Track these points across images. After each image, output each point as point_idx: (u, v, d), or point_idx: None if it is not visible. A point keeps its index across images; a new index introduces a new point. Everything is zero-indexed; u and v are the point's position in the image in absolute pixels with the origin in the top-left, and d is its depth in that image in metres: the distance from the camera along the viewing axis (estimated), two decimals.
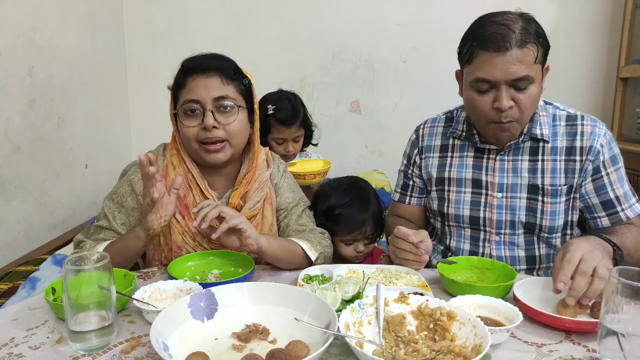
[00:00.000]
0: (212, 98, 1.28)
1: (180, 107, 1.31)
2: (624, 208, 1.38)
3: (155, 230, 1.22)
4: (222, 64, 1.33)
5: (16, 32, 1.81)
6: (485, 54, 1.25)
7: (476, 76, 1.28)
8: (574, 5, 2.65)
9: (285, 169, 1.54)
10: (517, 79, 1.24)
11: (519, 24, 1.23)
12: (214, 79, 1.29)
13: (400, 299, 0.98)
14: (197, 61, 1.32)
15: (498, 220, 1.43)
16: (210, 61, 1.32)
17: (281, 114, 1.95)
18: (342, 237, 1.60)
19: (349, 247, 1.62)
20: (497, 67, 1.23)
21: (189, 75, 1.30)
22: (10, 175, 1.79)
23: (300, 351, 0.83)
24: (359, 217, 1.60)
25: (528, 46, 1.22)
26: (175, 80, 1.34)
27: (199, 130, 1.29)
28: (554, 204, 1.38)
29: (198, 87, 1.28)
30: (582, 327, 0.96)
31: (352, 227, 1.59)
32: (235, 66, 1.36)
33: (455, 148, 1.50)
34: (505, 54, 1.22)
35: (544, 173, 1.39)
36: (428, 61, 2.75)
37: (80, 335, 0.90)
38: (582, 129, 1.38)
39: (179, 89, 1.32)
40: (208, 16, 2.74)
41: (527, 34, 1.22)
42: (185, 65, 1.33)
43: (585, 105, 2.70)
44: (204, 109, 1.28)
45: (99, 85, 2.45)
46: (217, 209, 1.18)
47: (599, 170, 1.37)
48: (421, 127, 1.59)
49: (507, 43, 1.21)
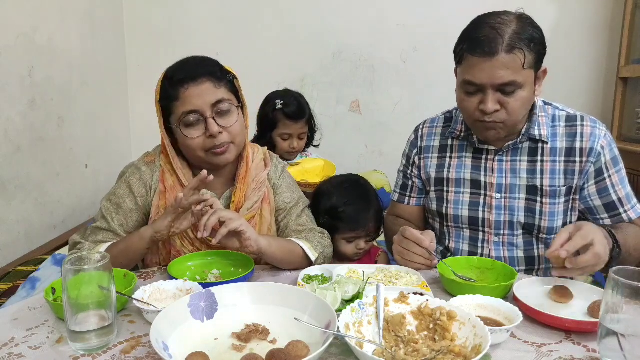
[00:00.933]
0: (210, 104, 1.27)
1: (178, 120, 1.28)
2: (627, 209, 1.38)
3: (163, 235, 1.23)
4: (210, 67, 1.31)
5: (16, 32, 1.81)
6: (472, 58, 1.25)
7: (464, 78, 1.29)
8: (574, 5, 2.65)
9: (284, 169, 1.54)
10: (503, 84, 1.24)
11: (512, 28, 1.23)
12: (206, 84, 1.27)
13: (400, 299, 0.98)
14: (185, 70, 1.29)
15: (497, 221, 1.43)
16: (198, 68, 1.29)
17: (289, 108, 2.02)
18: (345, 235, 1.60)
19: (351, 244, 1.61)
20: (483, 72, 1.24)
21: (179, 86, 1.27)
22: (10, 175, 1.79)
23: (300, 351, 0.83)
24: (363, 215, 1.60)
25: (516, 52, 1.21)
26: (164, 93, 1.30)
27: (204, 139, 1.29)
28: (552, 205, 1.38)
29: (193, 97, 1.26)
30: (582, 327, 0.96)
31: (356, 225, 1.59)
32: (220, 66, 1.35)
33: (453, 148, 1.50)
34: (492, 59, 1.22)
35: (543, 174, 1.39)
36: (428, 61, 2.75)
37: (80, 335, 0.90)
38: (582, 129, 1.38)
39: (170, 101, 1.29)
40: (208, 16, 2.75)
41: (518, 40, 1.22)
42: (172, 76, 1.29)
43: (585, 105, 2.70)
44: (204, 117, 1.27)
45: (99, 85, 2.45)
46: (215, 215, 1.17)
47: (602, 172, 1.36)
48: (420, 127, 1.59)
49: (494, 48, 1.21)
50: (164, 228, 1.22)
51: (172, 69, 1.32)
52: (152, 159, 1.40)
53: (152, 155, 1.41)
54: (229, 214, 1.18)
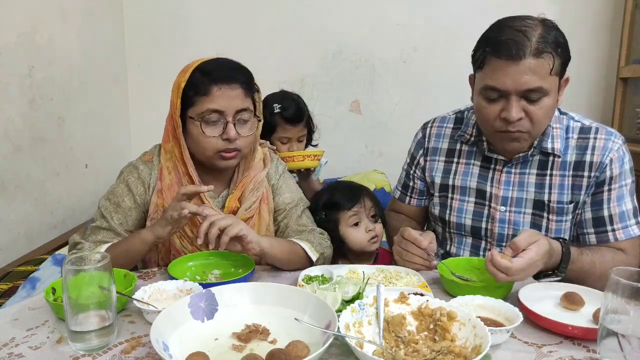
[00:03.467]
0: (235, 110, 1.28)
1: (200, 115, 1.28)
2: (616, 228, 1.30)
3: (165, 239, 1.26)
4: (246, 76, 1.33)
5: (16, 32, 1.81)
6: (497, 61, 1.18)
7: (486, 83, 1.22)
8: (574, 6, 2.65)
9: (284, 170, 1.54)
10: (529, 90, 1.17)
11: (538, 32, 1.17)
12: (238, 90, 1.29)
13: (400, 299, 0.98)
14: (223, 70, 1.30)
15: (500, 234, 1.39)
16: (236, 73, 1.31)
17: (288, 112, 1.97)
18: (347, 218, 1.55)
19: (358, 228, 1.55)
20: (508, 76, 1.17)
21: (213, 83, 1.27)
22: (10, 175, 1.79)
23: (300, 351, 0.83)
24: (356, 190, 1.60)
25: (544, 56, 1.15)
26: (193, 83, 1.29)
27: (218, 140, 1.29)
28: (559, 222, 1.33)
29: (223, 98, 1.27)
30: (589, 335, 0.93)
31: (350, 198, 1.57)
32: (252, 77, 1.36)
33: (462, 154, 1.45)
34: (519, 63, 1.15)
35: (551, 189, 1.33)
36: (428, 61, 2.75)
37: (81, 335, 0.90)
38: (594, 142, 1.31)
39: (198, 94, 1.28)
40: (208, 16, 2.74)
41: (545, 43, 1.15)
42: (209, 72, 1.29)
43: (585, 105, 2.70)
44: (226, 120, 1.28)
45: (99, 85, 2.45)
46: (215, 227, 1.15)
47: (602, 184, 1.30)
48: (429, 125, 1.53)
49: (521, 51, 1.14)
50: (165, 235, 1.23)
51: (209, 64, 1.31)
52: (150, 157, 1.40)
53: (150, 154, 1.42)
54: (227, 220, 1.17)
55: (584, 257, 1.21)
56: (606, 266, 1.20)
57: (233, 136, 1.28)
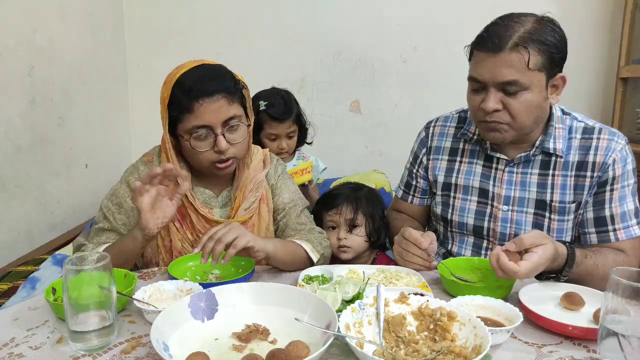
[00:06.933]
0: (222, 121, 1.26)
1: (188, 132, 1.27)
2: (617, 228, 1.31)
3: (152, 231, 1.18)
4: (225, 81, 1.28)
5: (16, 32, 1.81)
6: (479, 53, 1.24)
7: (469, 74, 1.28)
8: (574, 6, 2.65)
9: (284, 170, 1.54)
10: (505, 82, 1.21)
11: (525, 27, 1.20)
12: (221, 101, 1.25)
13: (400, 299, 0.99)
14: (202, 83, 1.25)
15: (502, 233, 1.40)
16: (214, 83, 1.26)
17: (274, 109, 1.95)
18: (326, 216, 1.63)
19: (333, 232, 1.60)
20: (486, 68, 1.22)
21: (194, 99, 1.24)
22: (10, 175, 1.78)
23: (300, 351, 0.83)
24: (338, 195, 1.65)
25: (521, 50, 1.18)
26: (175, 101, 1.26)
27: (211, 153, 1.29)
28: (561, 221, 1.34)
29: (207, 113, 1.24)
30: (589, 335, 0.93)
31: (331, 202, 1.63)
32: (234, 77, 1.32)
33: (465, 153, 1.46)
34: (496, 56, 1.20)
35: (553, 188, 1.34)
36: (428, 61, 2.75)
37: (81, 335, 0.90)
38: (597, 143, 1.32)
39: (182, 112, 1.26)
40: (208, 16, 2.74)
41: (527, 39, 1.18)
42: (189, 88, 1.25)
43: (585, 105, 2.69)
44: (214, 132, 1.27)
45: (99, 85, 2.45)
46: (221, 244, 1.14)
47: (605, 184, 1.31)
48: (432, 124, 1.54)
49: (498, 45, 1.19)
50: (146, 222, 1.17)
51: (186, 78, 1.26)
52: (150, 158, 1.41)
53: (150, 155, 1.42)
54: (232, 233, 1.15)
55: (588, 261, 1.22)
56: (608, 268, 1.19)
57: (224, 147, 1.27)
